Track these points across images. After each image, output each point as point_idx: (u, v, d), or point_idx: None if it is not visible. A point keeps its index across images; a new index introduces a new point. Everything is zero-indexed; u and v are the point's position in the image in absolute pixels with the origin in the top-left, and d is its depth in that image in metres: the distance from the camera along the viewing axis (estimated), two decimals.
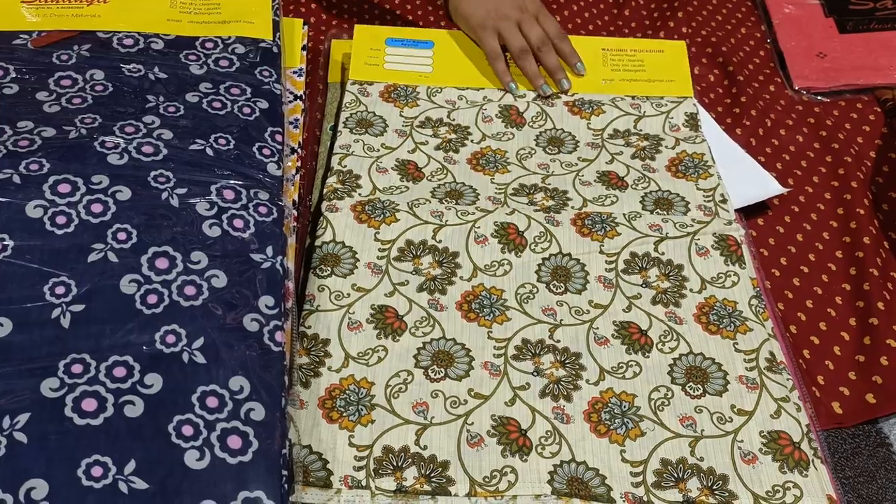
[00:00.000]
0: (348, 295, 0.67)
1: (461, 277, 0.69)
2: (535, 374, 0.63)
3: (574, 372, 0.63)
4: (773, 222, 0.79)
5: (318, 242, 0.70)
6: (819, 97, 0.91)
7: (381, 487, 0.56)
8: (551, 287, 0.69)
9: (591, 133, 0.82)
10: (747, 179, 0.80)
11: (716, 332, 0.66)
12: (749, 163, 0.82)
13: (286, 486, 0.52)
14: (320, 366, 0.62)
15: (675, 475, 0.58)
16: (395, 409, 0.60)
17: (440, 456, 0.58)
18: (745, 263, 0.70)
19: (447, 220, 0.72)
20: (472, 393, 0.62)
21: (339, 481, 0.56)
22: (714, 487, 0.57)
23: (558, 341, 0.65)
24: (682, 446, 0.59)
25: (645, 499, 0.57)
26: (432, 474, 0.57)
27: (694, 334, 0.66)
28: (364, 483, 0.56)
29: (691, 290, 0.69)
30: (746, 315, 0.67)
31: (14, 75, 0.70)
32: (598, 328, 0.66)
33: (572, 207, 0.74)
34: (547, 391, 0.62)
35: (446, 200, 0.74)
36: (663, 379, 0.63)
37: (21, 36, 0.74)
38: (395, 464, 0.57)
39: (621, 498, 0.57)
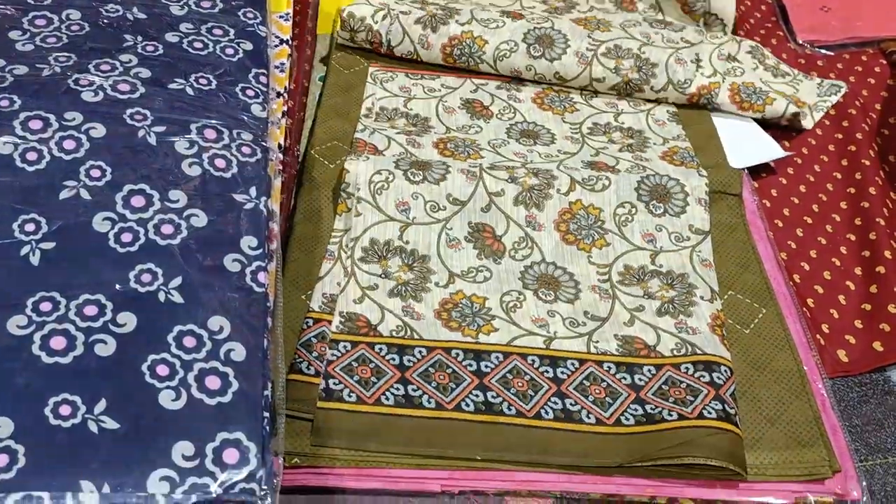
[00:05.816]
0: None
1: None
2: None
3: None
4: (777, 173, 0.77)
5: None
6: (823, 50, 0.89)
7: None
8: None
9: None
10: (749, 142, 0.78)
11: None
12: (751, 127, 0.80)
13: (268, 427, 0.49)
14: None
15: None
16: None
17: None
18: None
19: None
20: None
21: None
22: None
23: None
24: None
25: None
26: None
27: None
28: None
29: None
30: None
31: None
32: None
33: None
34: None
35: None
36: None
37: None
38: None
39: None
